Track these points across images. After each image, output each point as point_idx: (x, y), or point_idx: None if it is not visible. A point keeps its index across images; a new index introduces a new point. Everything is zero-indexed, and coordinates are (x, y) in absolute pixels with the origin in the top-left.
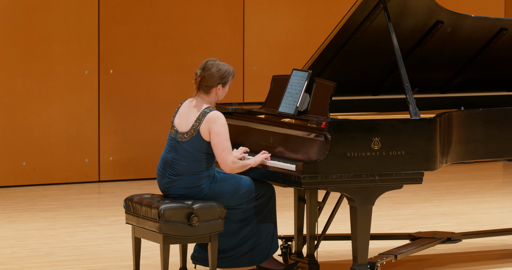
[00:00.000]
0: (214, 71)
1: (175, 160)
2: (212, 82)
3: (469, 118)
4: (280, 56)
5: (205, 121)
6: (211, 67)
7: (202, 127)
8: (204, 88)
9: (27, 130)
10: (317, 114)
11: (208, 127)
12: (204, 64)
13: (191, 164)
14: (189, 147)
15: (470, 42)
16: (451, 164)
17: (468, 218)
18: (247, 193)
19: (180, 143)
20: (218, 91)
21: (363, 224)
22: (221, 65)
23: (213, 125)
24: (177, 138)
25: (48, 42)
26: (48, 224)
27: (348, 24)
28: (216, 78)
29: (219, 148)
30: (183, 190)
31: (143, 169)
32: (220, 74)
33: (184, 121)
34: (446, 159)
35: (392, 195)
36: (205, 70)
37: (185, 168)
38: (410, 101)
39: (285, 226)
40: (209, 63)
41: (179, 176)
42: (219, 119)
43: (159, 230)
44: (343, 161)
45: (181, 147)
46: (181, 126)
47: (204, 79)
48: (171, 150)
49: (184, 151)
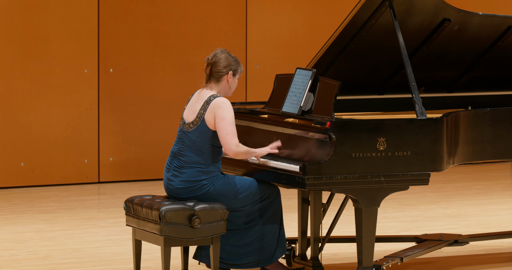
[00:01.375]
0: (226, 56)
1: (181, 151)
2: (223, 67)
3: (477, 117)
4: (283, 54)
5: (210, 107)
6: (221, 53)
7: (207, 114)
8: (215, 75)
9: (25, 130)
10: (321, 114)
11: (213, 113)
12: (214, 52)
13: (196, 155)
14: (194, 136)
15: (477, 40)
16: (458, 165)
17: (476, 220)
18: (250, 195)
19: (186, 133)
20: (229, 79)
21: (368, 226)
22: (230, 53)
23: (218, 110)
24: (184, 129)
25: (47, 40)
26: (46, 226)
27: (353, 22)
28: (227, 63)
29: (223, 131)
30: (184, 184)
31: (144, 170)
32: (231, 60)
33: (192, 111)
34: (453, 160)
35: (398, 197)
36: (216, 55)
37: (190, 159)
38: (416, 100)
39: (289, 228)
40: (219, 50)
41: (183, 168)
42: (224, 104)
43: (160, 232)
44: (348, 161)
45: (187, 137)
46: (188, 117)
47: (215, 65)
48: (178, 142)
49: (189, 141)
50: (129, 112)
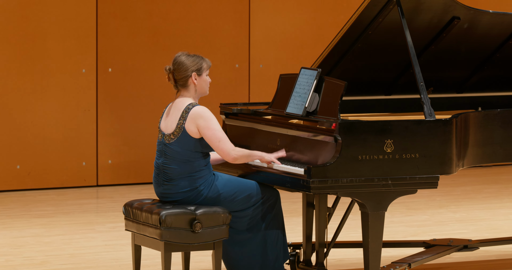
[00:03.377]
0: (183, 59)
1: (165, 164)
2: (184, 71)
3: (487, 119)
4: (287, 53)
5: (190, 117)
6: (178, 57)
7: (187, 124)
8: (180, 83)
9: (21, 132)
10: (326, 115)
11: (194, 123)
12: (173, 59)
13: (183, 166)
14: (177, 147)
15: (488, 39)
16: (468, 168)
17: (486, 224)
18: (250, 197)
19: (168, 146)
20: (195, 81)
21: (375, 231)
22: (189, 54)
23: (200, 120)
24: (165, 141)
25: (44, 39)
26: (43, 231)
27: (359, 20)
28: (187, 65)
29: (215, 140)
30: (181, 195)
31: (143, 173)
32: (190, 61)
33: (169, 122)
34: (462, 163)
35: (406, 200)
36: (174, 62)
37: (177, 171)
38: (424, 101)
39: (293, 233)
40: (176, 55)
41: (173, 181)
42: (204, 112)
43: (160, 237)
44: (354, 164)
45: (170, 149)
46: (167, 128)
47: (176, 71)
48: (160, 155)
49: (173, 153)
50: (128, 113)
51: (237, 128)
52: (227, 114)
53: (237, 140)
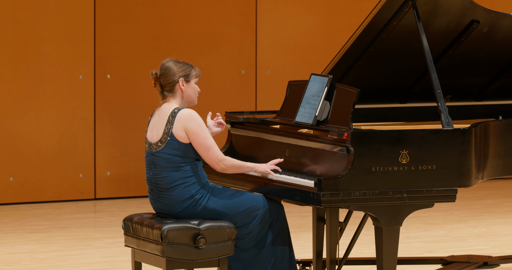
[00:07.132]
0: (171, 64)
1: (156, 175)
2: (171, 76)
3: (508, 128)
4: (297, 59)
5: (177, 121)
6: (165, 63)
7: (175, 128)
8: (166, 89)
9: (14, 142)
10: (338, 124)
11: (182, 126)
12: (160, 65)
13: (174, 173)
14: (165, 154)
15: (509, 44)
16: (487, 180)
17: (507, 240)
18: (252, 209)
19: (155, 155)
20: (182, 87)
21: (390, 247)
22: (178, 60)
23: (188, 123)
24: (152, 151)
25: (38, 43)
26: (38, 247)
27: (373, 24)
28: (174, 70)
29: (203, 148)
30: (179, 206)
31: (143, 185)
32: (178, 67)
33: (156, 130)
34: (482, 175)
35: (422, 215)
36: (161, 67)
37: (169, 179)
38: (442, 109)
39: (303, 249)
40: (164, 61)
41: (168, 191)
42: (192, 115)
43: (162, 253)
44: (367, 176)
45: (158, 158)
46: (153, 137)
47: (163, 76)
48: (150, 168)
49: (161, 161)
50: (128, 123)
51: (243, 138)
52: (233, 123)
53: (244, 150)
